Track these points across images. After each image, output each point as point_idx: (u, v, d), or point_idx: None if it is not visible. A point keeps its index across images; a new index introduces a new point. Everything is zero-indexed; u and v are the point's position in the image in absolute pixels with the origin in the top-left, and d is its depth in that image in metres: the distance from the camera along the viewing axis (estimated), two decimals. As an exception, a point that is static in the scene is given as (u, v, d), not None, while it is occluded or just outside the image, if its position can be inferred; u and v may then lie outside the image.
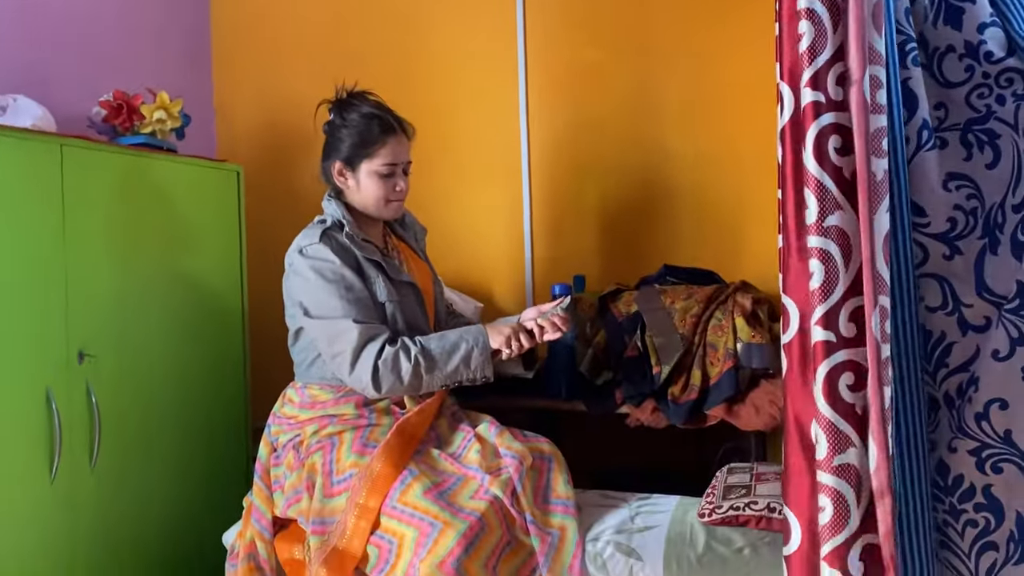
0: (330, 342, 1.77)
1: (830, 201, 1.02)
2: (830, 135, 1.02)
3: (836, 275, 1.03)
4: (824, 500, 1.03)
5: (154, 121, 2.26)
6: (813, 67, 1.03)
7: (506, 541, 1.64)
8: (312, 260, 1.80)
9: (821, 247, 1.03)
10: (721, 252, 2.42)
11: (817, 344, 1.04)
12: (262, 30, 2.93)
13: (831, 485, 1.03)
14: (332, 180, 1.93)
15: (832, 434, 1.03)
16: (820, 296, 1.03)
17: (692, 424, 2.00)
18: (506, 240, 2.66)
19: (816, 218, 1.03)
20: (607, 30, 2.56)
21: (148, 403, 2.16)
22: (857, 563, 1.02)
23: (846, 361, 1.03)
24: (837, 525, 1.02)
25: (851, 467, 1.03)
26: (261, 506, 1.83)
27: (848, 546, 1.02)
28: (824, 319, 1.03)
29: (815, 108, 1.03)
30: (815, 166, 1.02)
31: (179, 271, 2.27)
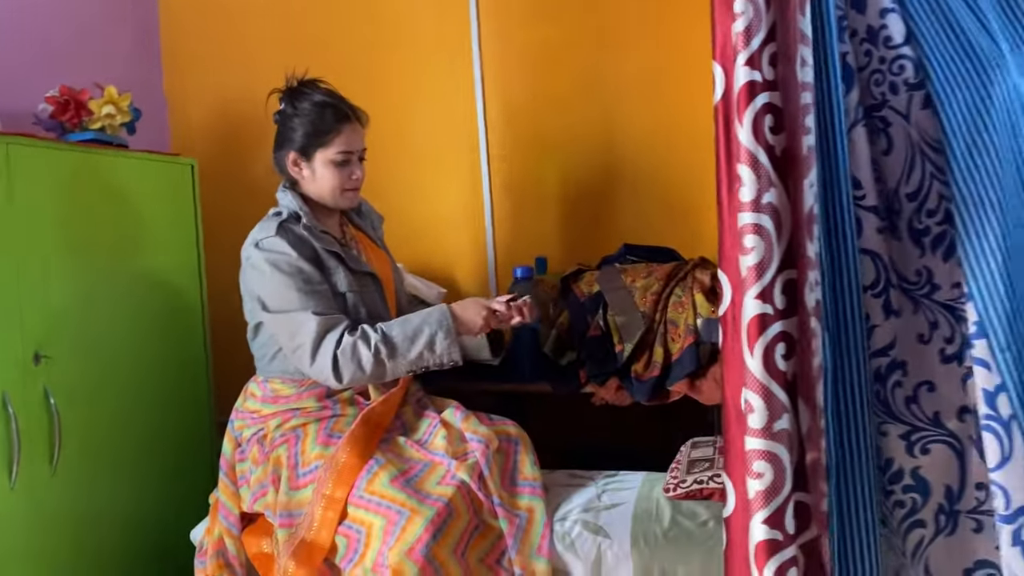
0: (290, 336, 1.74)
1: (765, 178, 1.04)
2: (765, 114, 1.04)
3: (771, 250, 1.05)
4: (762, 465, 1.06)
5: (103, 116, 2.22)
6: (749, 48, 1.04)
7: (474, 526, 1.65)
8: (268, 253, 1.77)
9: (756, 223, 1.05)
10: (680, 229, 2.44)
11: (754, 317, 1.06)
12: (212, 19, 2.88)
13: (769, 450, 1.06)
14: (287, 171, 1.90)
15: (769, 401, 1.06)
16: (756, 271, 1.05)
17: (656, 400, 2.02)
18: (467, 224, 2.65)
19: (753, 195, 1.05)
20: (562, 8, 2.55)
21: (109, 403, 2.13)
22: (792, 521, 1.06)
23: (781, 332, 1.06)
24: (776, 488, 1.06)
25: (785, 432, 1.06)
26: (228, 503, 1.82)
27: (785, 505, 1.06)
28: (761, 293, 1.05)
29: (750, 87, 1.05)
30: (751, 143, 1.04)
31: (136, 268, 2.24)
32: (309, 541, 1.61)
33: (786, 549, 1.06)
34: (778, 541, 1.06)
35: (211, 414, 2.45)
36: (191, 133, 2.90)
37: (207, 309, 2.47)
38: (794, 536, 1.06)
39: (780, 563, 1.06)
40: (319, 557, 1.61)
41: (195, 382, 2.42)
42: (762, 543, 1.07)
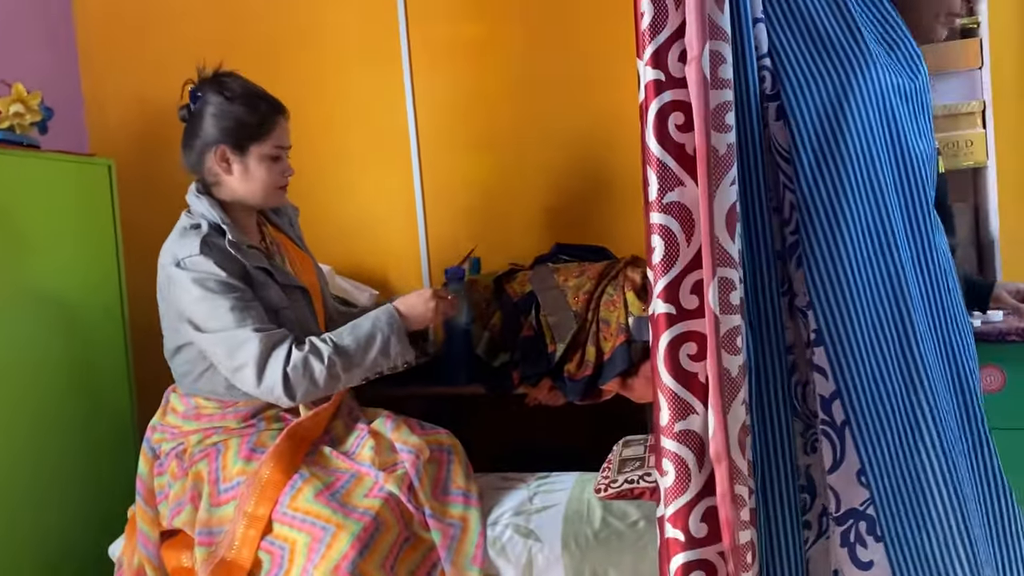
0: (229, 355, 1.63)
1: (671, 178, 1.03)
2: (671, 112, 1.03)
3: (676, 250, 1.04)
4: (667, 464, 1.06)
5: (11, 115, 2.13)
6: (654, 44, 1.03)
7: (404, 538, 1.60)
8: (193, 272, 1.65)
9: (661, 223, 1.04)
10: (612, 228, 2.44)
11: (659, 316, 1.05)
12: (130, 16, 2.77)
13: (673, 450, 1.05)
14: (206, 168, 1.76)
15: (673, 401, 1.05)
16: (662, 270, 1.04)
17: (588, 400, 2.00)
18: (399, 224, 2.61)
19: (656, 195, 1.04)
20: (490, 7, 2.52)
21: (24, 414, 2.04)
22: (699, 524, 1.05)
23: (687, 332, 1.05)
24: (679, 488, 1.05)
25: (693, 433, 1.05)
26: (146, 529, 1.72)
27: (690, 508, 1.05)
28: (665, 291, 1.04)
29: (656, 86, 1.04)
30: (655, 144, 1.03)
31: (50, 274, 2.14)
32: (229, 561, 1.55)
33: (691, 551, 1.05)
34: (680, 542, 1.05)
35: (133, 424, 2.36)
36: (109, 133, 2.80)
37: (128, 316, 2.37)
38: (701, 540, 1.05)
39: (683, 563, 1.05)
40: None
41: (115, 392, 2.33)
42: (668, 540, 1.07)
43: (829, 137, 1.16)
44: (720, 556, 1.05)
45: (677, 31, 1.03)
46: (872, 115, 1.19)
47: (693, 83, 1.02)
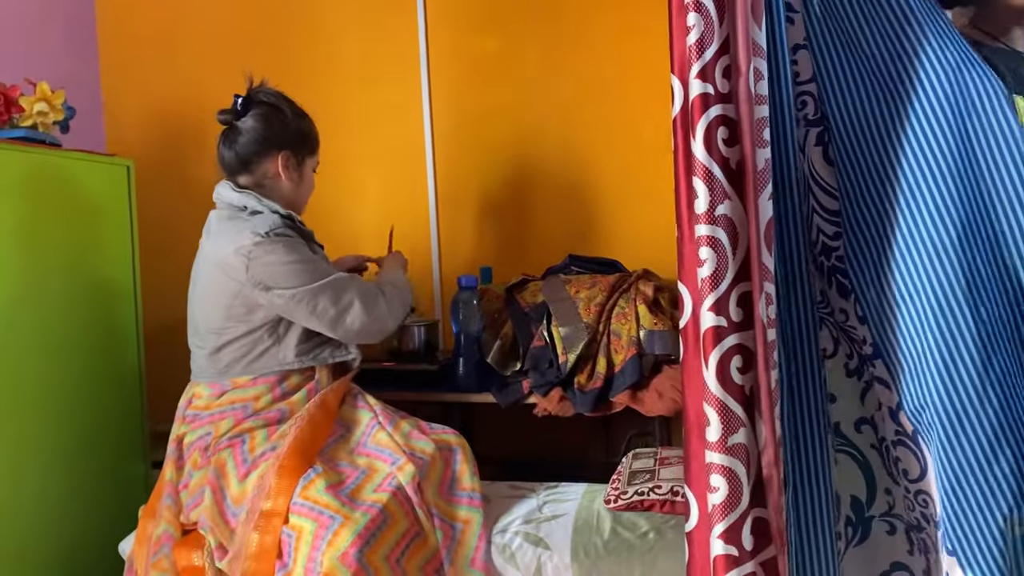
0: (335, 299, 1.78)
1: (719, 191, 1.04)
2: (718, 126, 1.04)
3: (725, 262, 1.05)
4: (718, 480, 1.06)
5: (34, 114, 2.15)
6: (702, 60, 1.04)
7: (414, 532, 1.63)
8: (283, 239, 1.77)
9: (711, 235, 1.05)
10: (624, 241, 2.46)
11: (709, 330, 1.06)
12: (152, 18, 2.81)
13: (725, 464, 1.05)
14: (264, 170, 1.87)
15: (724, 415, 1.05)
16: (711, 283, 1.05)
17: (598, 412, 2.02)
18: (412, 233, 2.63)
19: (706, 207, 1.04)
20: (508, 21, 2.55)
21: (37, 408, 2.05)
22: (749, 537, 1.05)
23: (736, 345, 1.06)
24: (731, 503, 1.05)
25: (742, 447, 1.05)
26: (171, 528, 1.74)
27: (742, 521, 1.05)
28: (716, 305, 1.05)
29: (704, 100, 1.05)
30: (705, 156, 1.04)
31: (67, 271, 2.16)
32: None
33: (744, 565, 1.05)
34: (735, 556, 1.05)
35: (144, 422, 2.38)
36: (128, 134, 2.83)
37: (141, 314, 2.39)
38: (752, 552, 1.05)
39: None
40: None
41: (128, 388, 2.34)
42: (719, 558, 1.06)
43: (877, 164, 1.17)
44: (762, 567, 1.06)
45: (722, 47, 1.04)
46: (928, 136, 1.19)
47: (743, 99, 1.04)
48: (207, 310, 1.83)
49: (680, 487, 1.70)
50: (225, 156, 1.88)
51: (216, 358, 1.82)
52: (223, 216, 1.86)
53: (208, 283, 1.82)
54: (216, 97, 2.72)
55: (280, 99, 1.90)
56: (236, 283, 1.75)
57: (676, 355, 2.00)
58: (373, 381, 2.04)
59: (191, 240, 2.71)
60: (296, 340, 1.82)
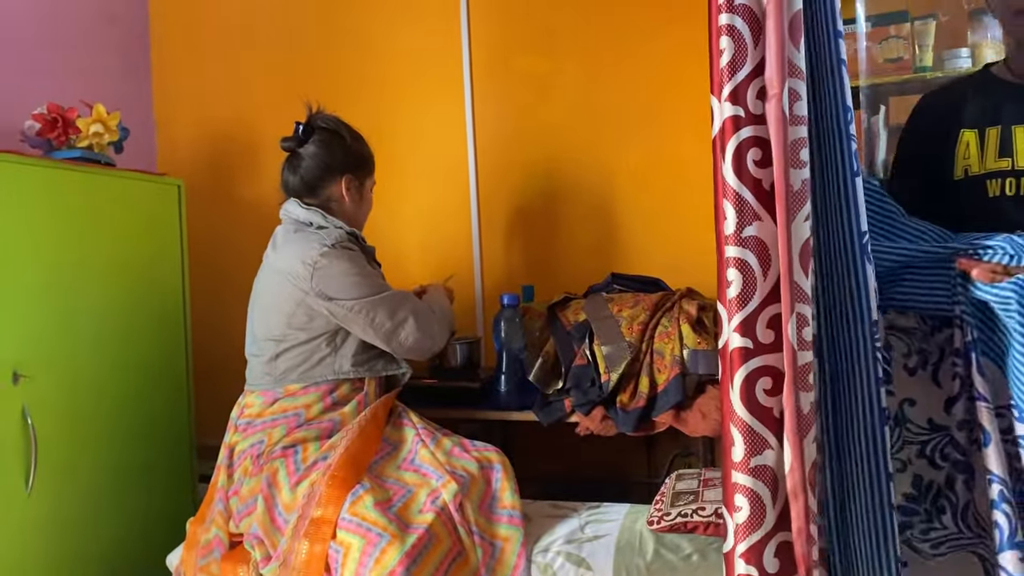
0: (391, 313, 1.86)
1: (748, 212, 1.04)
2: (749, 148, 1.04)
3: (753, 284, 1.04)
4: (741, 500, 1.06)
5: (90, 135, 2.21)
6: (733, 82, 1.05)
7: (456, 551, 1.64)
8: (347, 252, 1.86)
9: (738, 256, 1.05)
10: (667, 259, 2.45)
11: (735, 350, 1.06)
12: (202, 40, 2.89)
13: (747, 485, 1.05)
14: (330, 193, 1.96)
15: (748, 436, 1.05)
16: (738, 304, 1.05)
17: (641, 431, 2.00)
18: (455, 251, 2.65)
19: (734, 229, 1.05)
20: (552, 41, 2.57)
21: (87, 423, 2.10)
22: (772, 560, 1.05)
23: (763, 367, 1.05)
24: (753, 524, 1.05)
25: (767, 468, 1.05)
26: (221, 534, 1.79)
27: (764, 544, 1.05)
28: (742, 326, 1.05)
29: (734, 122, 1.05)
30: (733, 178, 1.04)
31: (119, 288, 2.22)
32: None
33: None
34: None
35: (191, 435, 2.42)
36: (179, 154, 2.90)
37: (190, 330, 2.44)
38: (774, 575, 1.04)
39: None
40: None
41: (176, 402, 2.39)
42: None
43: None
44: None
45: (756, 69, 1.05)
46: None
47: (773, 120, 1.03)
48: (268, 318, 1.88)
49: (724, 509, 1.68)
50: (290, 181, 1.97)
51: (273, 365, 1.87)
52: (290, 230, 1.93)
53: (272, 292, 1.88)
54: (265, 118, 2.80)
55: (339, 124, 1.99)
56: (300, 291, 1.82)
57: (719, 375, 1.98)
58: (416, 398, 2.06)
59: (239, 257, 2.77)
60: (353, 351, 1.88)
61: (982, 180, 1.54)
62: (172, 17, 2.92)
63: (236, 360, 2.05)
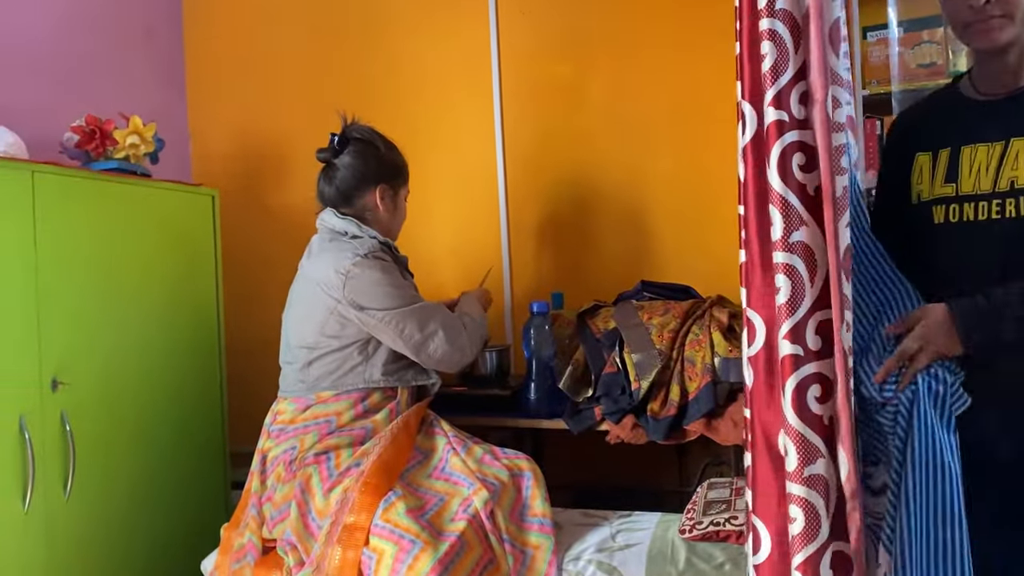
0: (421, 325, 1.88)
1: (795, 217, 1.04)
2: (794, 152, 1.04)
3: (802, 289, 1.04)
4: (795, 511, 1.04)
5: (127, 146, 2.25)
6: (776, 87, 1.04)
7: (488, 559, 1.65)
8: (380, 262, 1.88)
9: (787, 262, 1.04)
10: (697, 267, 2.44)
11: (785, 358, 1.04)
12: (236, 53, 2.93)
13: (802, 496, 1.04)
14: (365, 203, 1.98)
15: (801, 445, 1.04)
16: (787, 310, 1.04)
17: (672, 440, 1.99)
18: (484, 259, 2.66)
19: (781, 234, 1.04)
20: (580, 46, 2.58)
21: (124, 430, 2.13)
22: (828, 571, 1.03)
23: (814, 374, 1.04)
24: (809, 534, 1.03)
25: (820, 477, 1.04)
26: (254, 538, 1.81)
27: (820, 554, 1.03)
28: (792, 333, 1.04)
29: (779, 127, 1.04)
30: (779, 183, 1.04)
31: (155, 296, 2.25)
32: None
33: None
34: None
35: (225, 443, 2.45)
36: (212, 164, 2.94)
37: (223, 337, 2.47)
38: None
39: None
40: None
41: (210, 410, 2.42)
42: None
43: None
44: None
45: (797, 74, 1.04)
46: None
47: (819, 124, 1.03)
48: (302, 326, 1.91)
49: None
50: (326, 192, 1.99)
51: (306, 372, 1.89)
52: (325, 239, 1.96)
53: (305, 301, 1.91)
54: (297, 129, 2.83)
55: (373, 135, 2.02)
56: (333, 300, 1.84)
57: (752, 383, 1.97)
58: (446, 405, 2.07)
59: (271, 265, 2.80)
60: (384, 360, 1.90)
61: (928, 206, 1.42)
62: (206, 30, 2.96)
63: (268, 368, 2.08)
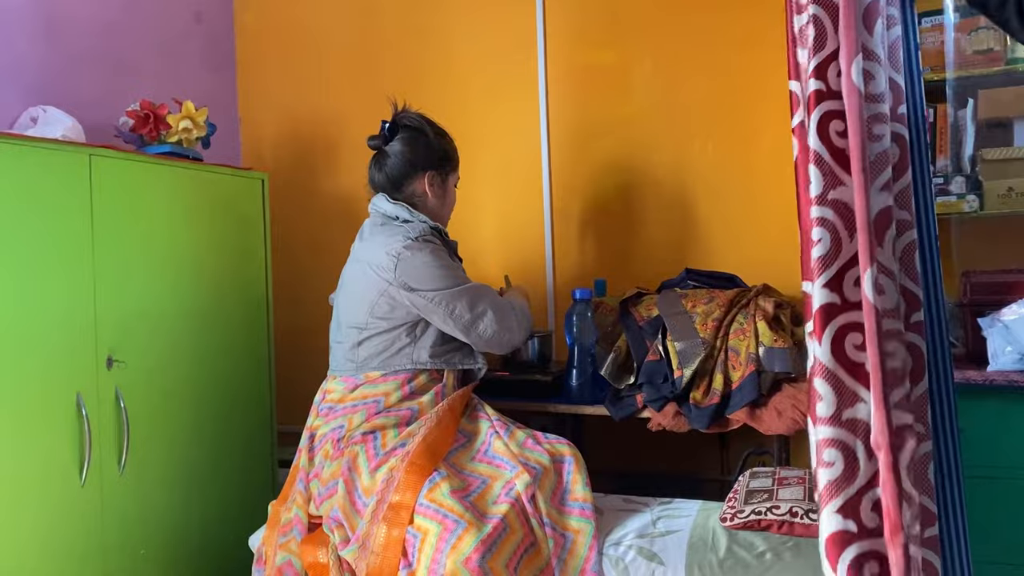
0: (471, 305, 1.91)
1: (832, 177, 1.11)
2: (831, 120, 1.12)
3: (839, 243, 1.10)
4: (832, 454, 1.06)
5: (180, 130, 2.30)
6: (816, 59, 1.13)
7: (529, 542, 1.67)
8: (430, 245, 1.91)
9: (824, 216, 1.11)
10: (742, 256, 2.42)
11: (823, 306, 1.09)
12: (285, 39, 2.96)
13: (839, 438, 1.06)
14: (413, 189, 2.00)
15: (838, 389, 1.07)
16: (823, 263, 1.10)
17: (714, 428, 1.99)
18: (527, 246, 2.67)
19: (820, 191, 1.11)
20: (625, 32, 2.56)
21: (175, 407, 2.19)
22: (871, 514, 1.05)
23: (852, 323, 1.09)
24: (847, 477, 1.06)
25: (860, 422, 1.07)
26: (301, 513, 1.85)
27: (860, 497, 1.05)
28: (829, 282, 1.09)
29: (817, 96, 1.12)
30: (817, 144, 1.12)
31: (205, 277, 2.30)
32: (376, 569, 1.65)
33: (862, 542, 1.04)
34: (852, 532, 1.04)
35: (273, 421, 2.50)
36: (262, 148, 2.98)
37: (272, 319, 2.52)
38: (873, 531, 1.04)
39: (855, 555, 1.04)
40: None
41: (259, 389, 2.47)
42: (834, 535, 1.05)
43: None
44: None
45: (835, 52, 1.13)
46: None
47: (845, 92, 1.11)
48: (353, 306, 1.94)
49: (799, 507, 1.66)
50: (376, 178, 2.03)
51: (355, 352, 1.93)
52: (376, 223, 1.99)
53: (357, 282, 1.95)
54: (347, 113, 2.86)
55: (423, 122, 2.03)
56: (384, 282, 1.88)
57: (797, 373, 1.96)
58: (488, 390, 2.09)
59: (319, 248, 2.84)
60: (431, 342, 1.93)
61: None
62: (256, 15, 3.00)
63: (315, 350, 2.12)
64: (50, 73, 2.31)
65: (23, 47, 2.24)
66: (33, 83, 2.25)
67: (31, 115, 2.11)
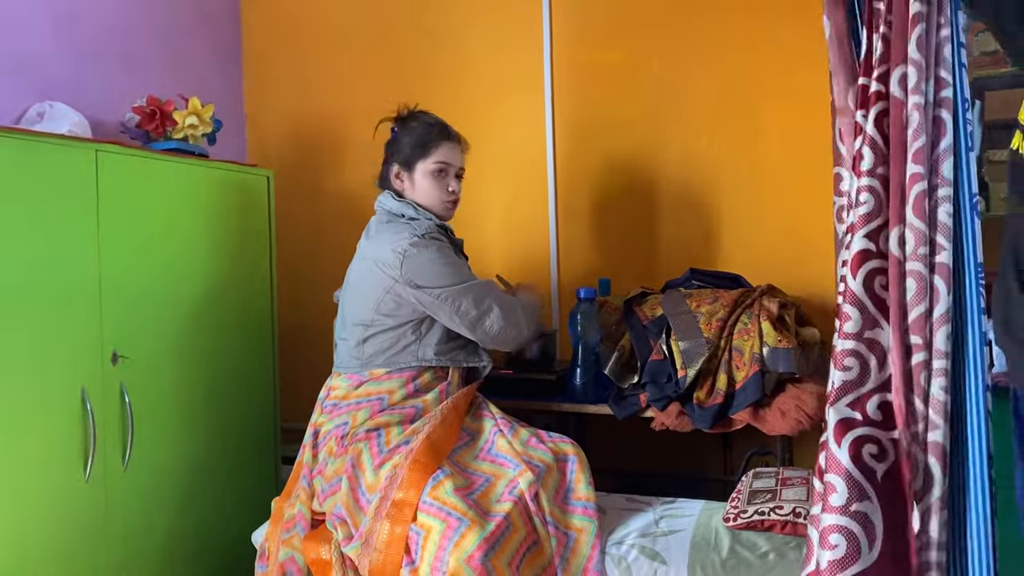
0: (477, 302, 1.90)
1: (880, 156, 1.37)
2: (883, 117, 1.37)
3: (881, 206, 1.35)
4: (851, 361, 1.31)
5: (186, 127, 2.30)
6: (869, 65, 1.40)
7: (532, 540, 1.67)
8: (436, 243, 1.91)
9: (871, 185, 1.36)
10: (747, 256, 2.42)
11: (859, 252, 1.33)
12: (291, 37, 2.97)
13: (853, 349, 1.32)
14: (391, 183, 2.03)
15: (863, 313, 1.32)
16: (867, 218, 1.35)
17: (718, 428, 1.99)
18: (532, 244, 2.67)
19: (870, 165, 1.37)
20: (632, 28, 2.56)
21: (180, 403, 2.19)
22: (876, 410, 1.30)
23: (881, 268, 1.33)
24: (860, 382, 1.31)
25: (878, 344, 1.32)
26: (304, 509, 1.86)
27: (869, 396, 1.31)
28: (867, 235, 1.34)
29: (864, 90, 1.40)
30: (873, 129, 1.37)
31: (210, 273, 2.30)
32: (379, 566, 1.65)
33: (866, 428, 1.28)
34: (857, 420, 1.28)
35: (276, 418, 2.50)
36: (267, 145, 2.99)
37: (276, 316, 2.52)
38: (876, 422, 1.28)
39: (856, 436, 1.27)
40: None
41: (262, 386, 2.47)
42: (842, 421, 1.27)
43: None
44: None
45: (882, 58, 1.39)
46: None
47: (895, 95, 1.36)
48: (358, 303, 1.95)
49: (803, 508, 1.66)
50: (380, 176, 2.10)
51: (360, 349, 1.93)
52: (382, 220, 2.00)
53: (363, 279, 1.95)
54: (352, 112, 2.86)
55: (403, 120, 2.05)
56: (390, 279, 1.88)
57: (800, 373, 1.95)
58: (492, 388, 2.10)
59: (323, 246, 2.85)
60: (437, 339, 1.94)
61: None
62: (262, 14, 3.01)
63: (319, 347, 2.12)
64: (57, 69, 2.31)
65: (30, 42, 2.24)
66: (40, 78, 2.25)
67: (38, 110, 2.11)
